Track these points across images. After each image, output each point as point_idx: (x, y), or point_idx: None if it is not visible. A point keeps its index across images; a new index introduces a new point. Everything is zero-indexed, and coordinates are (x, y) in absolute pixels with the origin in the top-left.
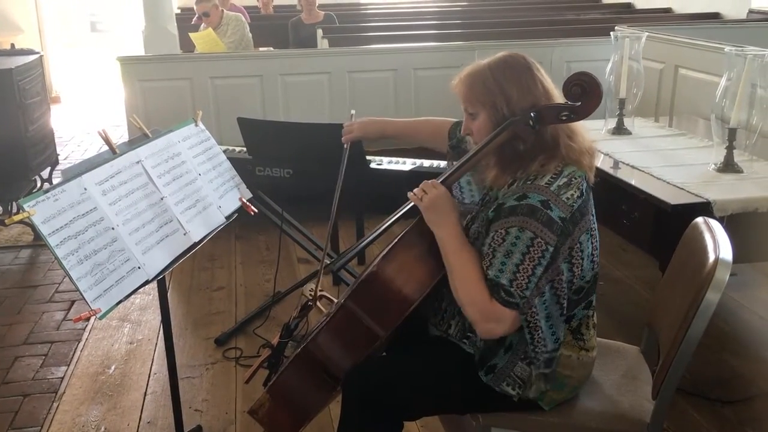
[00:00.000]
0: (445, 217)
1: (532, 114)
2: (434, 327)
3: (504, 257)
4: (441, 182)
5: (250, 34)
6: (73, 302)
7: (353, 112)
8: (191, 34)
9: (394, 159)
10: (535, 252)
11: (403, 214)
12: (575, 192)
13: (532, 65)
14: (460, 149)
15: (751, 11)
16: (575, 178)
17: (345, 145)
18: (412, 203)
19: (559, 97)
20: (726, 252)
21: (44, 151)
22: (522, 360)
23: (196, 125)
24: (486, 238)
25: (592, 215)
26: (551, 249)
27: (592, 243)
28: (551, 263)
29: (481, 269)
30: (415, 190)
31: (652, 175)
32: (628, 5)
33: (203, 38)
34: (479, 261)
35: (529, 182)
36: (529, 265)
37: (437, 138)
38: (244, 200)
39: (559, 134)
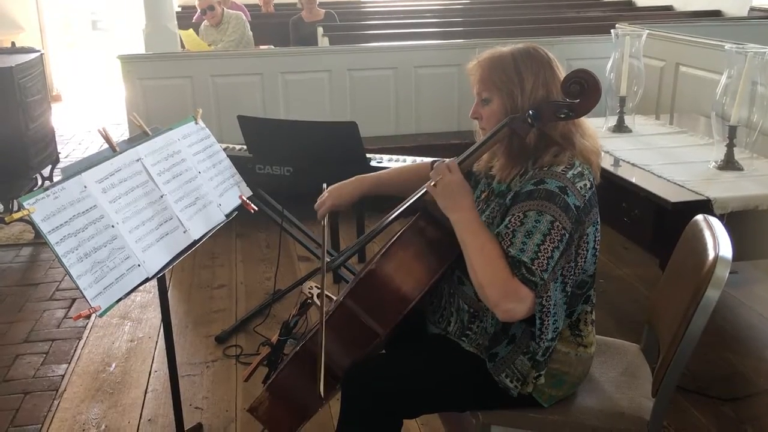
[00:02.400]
0: (460, 201)
1: (530, 111)
2: (433, 325)
3: (525, 237)
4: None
5: (251, 33)
6: (73, 300)
7: (325, 185)
8: (180, 32)
9: (394, 157)
10: (556, 235)
11: (402, 211)
12: (587, 183)
13: (552, 60)
14: None
15: (752, 9)
16: (586, 170)
17: (321, 222)
18: (412, 200)
19: None
20: (726, 250)
21: (45, 149)
22: (524, 354)
23: (196, 123)
24: (500, 224)
25: (597, 208)
26: (567, 235)
27: (595, 237)
28: (567, 248)
29: (502, 249)
30: (431, 173)
31: (652, 172)
32: (629, 3)
33: (187, 37)
34: (499, 242)
35: (545, 169)
36: (549, 246)
37: (420, 178)
38: (244, 198)
39: (573, 132)
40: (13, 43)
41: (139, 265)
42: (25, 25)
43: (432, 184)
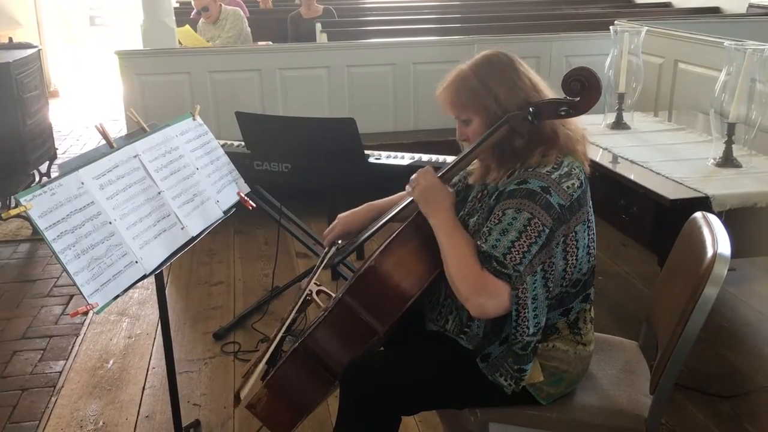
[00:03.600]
0: (438, 205)
1: (530, 109)
2: (432, 322)
3: (500, 234)
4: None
5: (249, 29)
6: (71, 297)
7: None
8: (178, 29)
9: (392, 153)
10: (532, 231)
11: (401, 209)
12: (575, 182)
13: (514, 60)
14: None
15: (750, 5)
16: (575, 169)
17: (326, 247)
18: (409, 200)
19: (546, 89)
20: (724, 247)
21: (42, 145)
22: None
23: (194, 119)
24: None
25: (590, 207)
26: (547, 231)
27: (588, 235)
28: (546, 244)
29: (475, 248)
30: (412, 177)
31: (651, 169)
32: None
33: (183, 34)
34: (473, 242)
35: (530, 170)
36: (524, 242)
37: None
38: (242, 195)
39: (556, 124)
40: (10, 39)
41: (136, 262)
42: (23, 20)
43: (413, 187)
